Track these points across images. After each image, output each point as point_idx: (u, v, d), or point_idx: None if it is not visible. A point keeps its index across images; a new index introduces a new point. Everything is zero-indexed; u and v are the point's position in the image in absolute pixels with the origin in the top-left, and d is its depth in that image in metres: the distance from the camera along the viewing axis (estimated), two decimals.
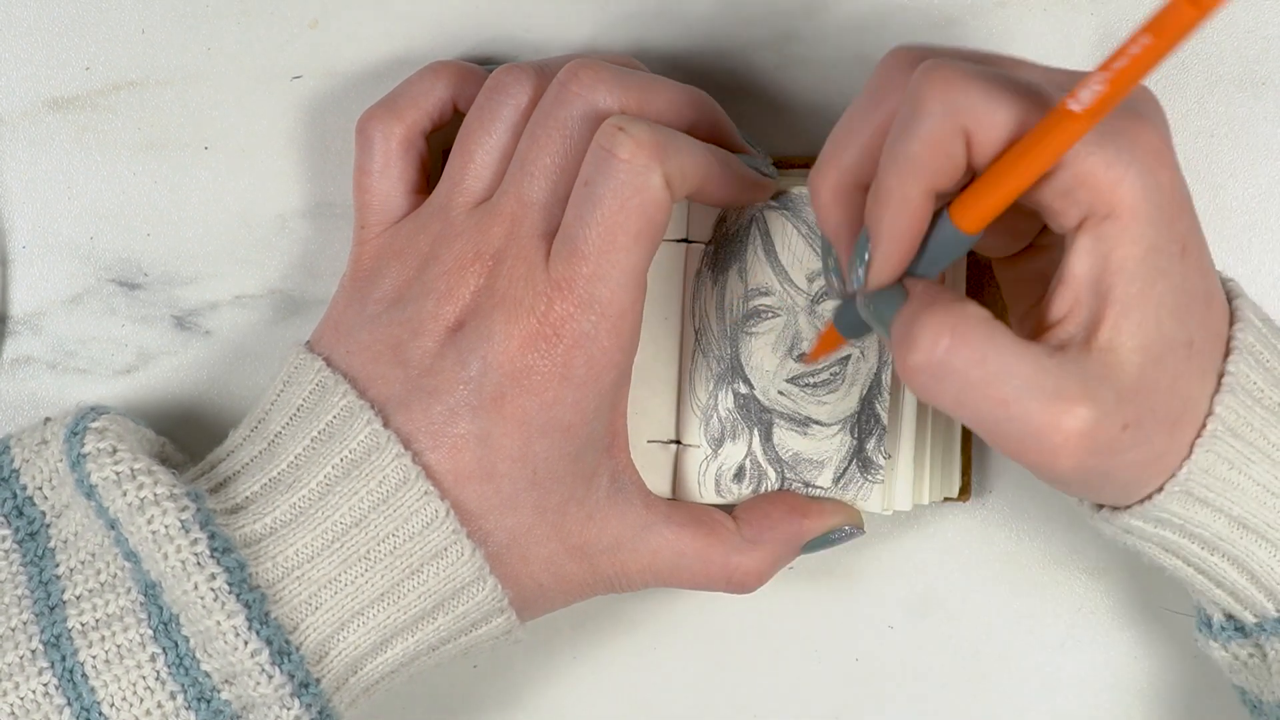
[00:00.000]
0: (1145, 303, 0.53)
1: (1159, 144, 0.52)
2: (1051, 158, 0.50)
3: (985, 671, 0.69)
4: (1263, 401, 0.56)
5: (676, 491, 0.64)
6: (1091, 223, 0.52)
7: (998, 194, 0.52)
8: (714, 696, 0.69)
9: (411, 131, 0.62)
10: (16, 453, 0.60)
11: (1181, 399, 0.54)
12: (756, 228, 0.62)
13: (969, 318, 0.52)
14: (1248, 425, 0.56)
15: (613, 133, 0.56)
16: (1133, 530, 0.57)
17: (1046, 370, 0.52)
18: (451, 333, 0.58)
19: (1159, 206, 0.52)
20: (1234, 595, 0.59)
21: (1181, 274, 0.53)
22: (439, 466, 0.58)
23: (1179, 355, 0.54)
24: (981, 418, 0.53)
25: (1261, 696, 0.60)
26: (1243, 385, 0.56)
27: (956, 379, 0.52)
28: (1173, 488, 0.55)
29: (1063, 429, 0.52)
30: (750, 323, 0.62)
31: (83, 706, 0.56)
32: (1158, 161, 0.52)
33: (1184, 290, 0.53)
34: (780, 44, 0.67)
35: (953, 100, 0.51)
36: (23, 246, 0.67)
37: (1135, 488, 0.56)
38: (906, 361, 0.53)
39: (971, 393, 0.52)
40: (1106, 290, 0.53)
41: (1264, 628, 0.58)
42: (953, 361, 0.52)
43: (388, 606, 0.58)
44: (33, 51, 0.66)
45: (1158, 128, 0.53)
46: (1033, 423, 0.52)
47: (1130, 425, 0.53)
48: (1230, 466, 0.56)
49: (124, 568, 0.57)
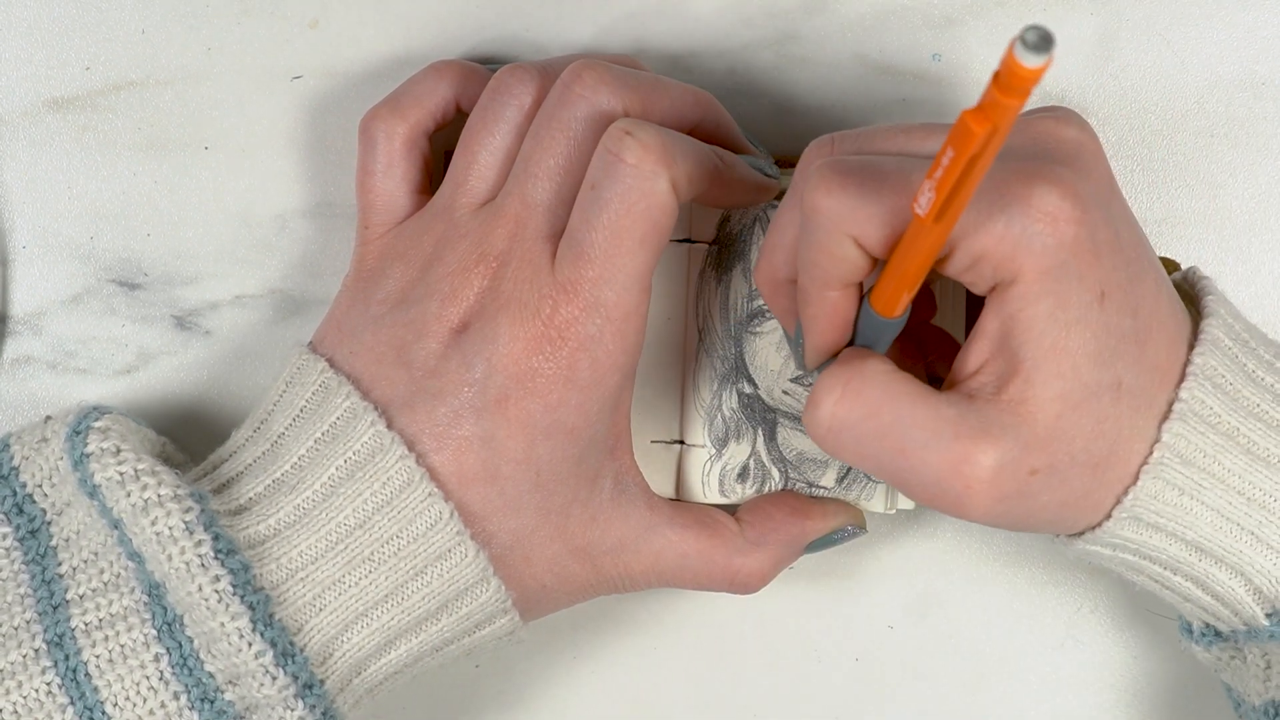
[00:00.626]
0: (1059, 355, 0.53)
1: (1054, 202, 0.52)
2: (927, 257, 0.51)
3: (985, 671, 0.69)
4: (1218, 427, 0.56)
5: (680, 492, 0.64)
6: (999, 288, 0.53)
7: (901, 283, 0.53)
8: (714, 696, 0.69)
9: (415, 131, 0.62)
10: (16, 450, 0.60)
11: (1108, 440, 0.55)
12: (760, 228, 0.62)
13: (864, 372, 0.54)
14: (1199, 451, 0.56)
15: (619, 137, 0.56)
16: (1090, 555, 0.58)
17: (946, 419, 0.53)
18: (456, 334, 0.58)
19: (1063, 264, 0.52)
20: (1202, 610, 0.59)
21: (1101, 321, 0.54)
22: (443, 468, 0.58)
23: (1104, 399, 0.54)
24: (883, 468, 0.55)
25: (1244, 697, 0.60)
26: (1195, 411, 0.56)
27: (851, 432, 0.54)
28: (1119, 514, 0.56)
29: (963, 475, 0.53)
30: (754, 322, 0.62)
31: (86, 706, 0.56)
32: (1053, 222, 0.52)
33: (1106, 334, 0.54)
34: (780, 44, 0.67)
35: (831, 209, 0.53)
36: (23, 246, 0.67)
37: (1063, 525, 0.57)
38: (808, 420, 0.55)
39: (869, 444, 0.54)
40: (1017, 347, 0.53)
41: (1237, 636, 0.59)
42: (846, 416, 0.54)
43: (392, 608, 0.58)
44: (33, 51, 0.66)
45: (1057, 181, 0.52)
46: (932, 471, 0.54)
47: (1040, 471, 0.54)
48: (1180, 492, 0.56)
49: (127, 568, 0.57)
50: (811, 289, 0.55)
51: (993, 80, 0.44)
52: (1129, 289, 0.54)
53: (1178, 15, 0.66)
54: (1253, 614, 0.57)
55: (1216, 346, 0.57)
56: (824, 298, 0.55)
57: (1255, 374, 0.57)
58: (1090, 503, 0.56)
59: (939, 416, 0.54)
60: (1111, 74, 0.66)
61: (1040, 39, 0.43)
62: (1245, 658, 0.59)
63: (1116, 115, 0.66)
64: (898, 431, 0.54)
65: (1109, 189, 0.55)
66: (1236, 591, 0.57)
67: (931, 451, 0.53)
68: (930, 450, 0.53)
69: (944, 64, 0.66)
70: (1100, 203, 0.54)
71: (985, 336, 0.54)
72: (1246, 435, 0.56)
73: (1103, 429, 0.54)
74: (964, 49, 0.67)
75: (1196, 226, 0.67)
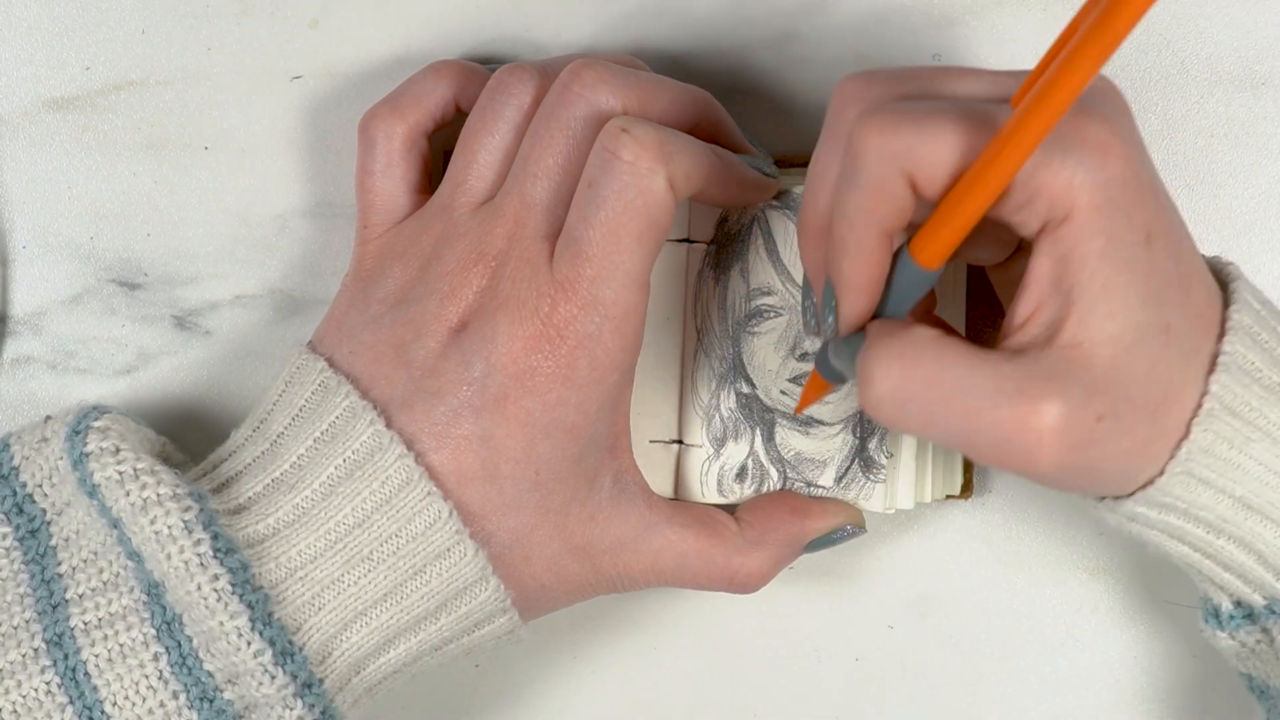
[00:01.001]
0: (1111, 294, 0.53)
1: (1106, 137, 0.52)
2: (999, 185, 0.51)
3: (985, 671, 0.69)
4: (1261, 381, 0.56)
5: (679, 491, 0.64)
6: (1050, 226, 0.53)
7: (953, 227, 0.52)
8: (714, 696, 0.69)
9: (414, 131, 0.62)
10: (16, 450, 0.60)
11: (1162, 384, 0.54)
12: (758, 227, 0.62)
13: (916, 341, 0.53)
14: (1245, 404, 0.56)
15: (616, 134, 0.56)
16: (1137, 518, 0.57)
17: (1005, 375, 0.53)
18: (455, 333, 0.58)
19: (1113, 200, 0.52)
20: (1241, 577, 0.59)
21: (1148, 261, 0.53)
22: (442, 467, 0.58)
23: (1155, 341, 0.54)
24: (952, 434, 0.53)
25: (1269, 681, 0.60)
26: (1239, 364, 0.56)
27: (917, 402, 0.53)
28: (1174, 469, 0.55)
29: (1034, 428, 0.52)
30: (752, 322, 0.62)
31: (85, 705, 0.56)
32: (1105, 156, 0.52)
33: (1154, 276, 0.53)
34: (780, 44, 0.67)
35: (888, 147, 0.52)
36: (23, 246, 0.67)
37: (1125, 478, 0.56)
38: (868, 397, 0.53)
39: (935, 412, 0.53)
40: (1069, 288, 0.53)
41: (1273, 610, 0.58)
42: (908, 386, 0.53)
43: (390, 607, 0.58)
44: (33, 51, 0.66)
45: (1106, 119, 0.53)
46: (1003, 428, 0.52)
47: (1106, 416, 0.53)
48: (1230, 446, 0.56)
49: (126, 567, 0.57)
50: (851, 237, 0.53)
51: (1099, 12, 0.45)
52: (1170, 233, 0.54)
53: (1178, 15, 0.66)
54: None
55: (1248, 306, 0.57)
56: (862, 247, 0.53)
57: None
58: (1149, 452, 0.55)
59: (999, 374, 0.53)
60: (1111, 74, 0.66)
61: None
62: (1274, 639, 0.59)
63: None
64: (960, 395, 0.52)
65: (1141, 141, 0.55)
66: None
67: (999, 409, 0.52)
68: (998, 408, 0.52)
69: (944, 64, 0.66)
70: (1140, 145, 0.54)
71: (1038, 279, 0.53)
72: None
73: (1156, 372, 0.54)
74: (964, 49, 0.67)
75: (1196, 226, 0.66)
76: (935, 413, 0.53)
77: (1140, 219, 0.53)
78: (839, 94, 0.55)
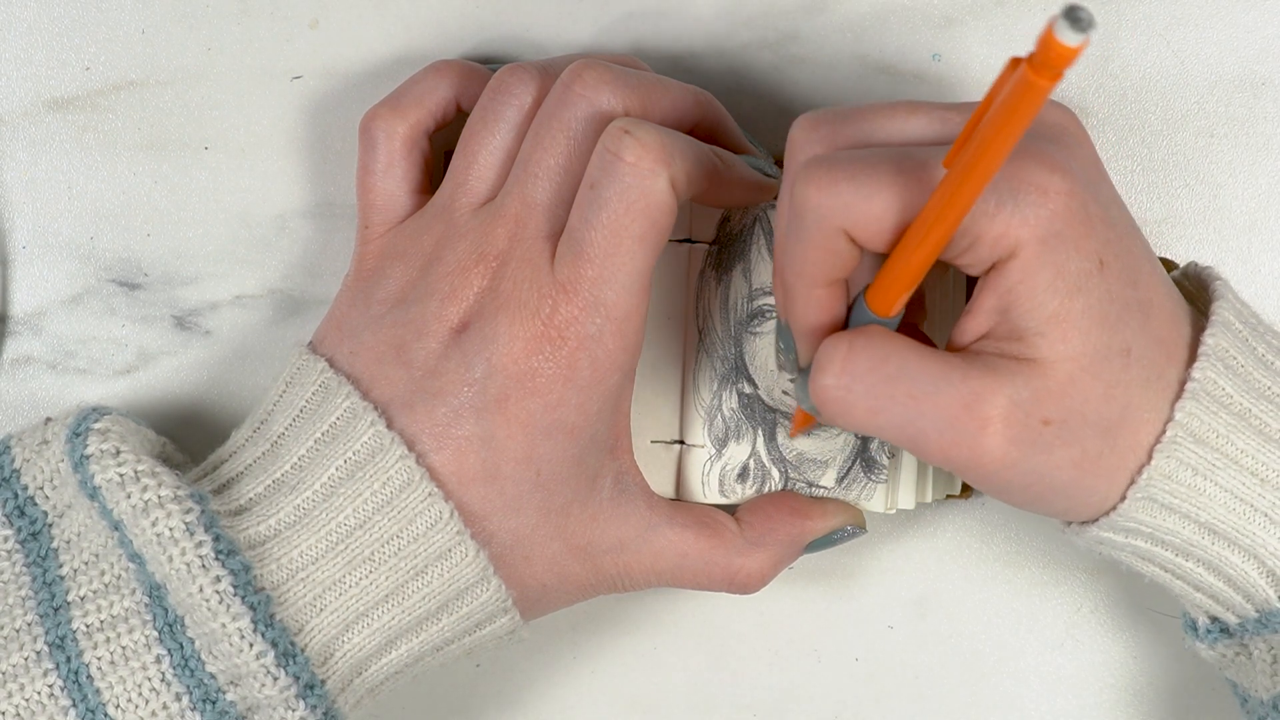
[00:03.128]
0: (1062, 320, 0.53)
1: (1044, 176, 0.52)
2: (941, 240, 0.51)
3: (985, 671, 0.69)
4: (1230, 407, 0.56)
5: (680, 492, 0.64)
6: (998, 266, 0.53)
7: (900, 280, 0.53)
8: (714, 696, 0.69)
9: (415, 131, 0.62)
10: (17, 453, 0.60)
11: (1119, 405, 0.55)
12: (760, 227, 0.62)
13: (865, 332, 0.54)
14: (1213, 431, 0.56)
15: (618, 135, 0.56)
16: (1104, 542, 0.58)
17: (953, 364, 0.53)
18: (455, 334, 0.58)
19: (1058, 233, 0.52)
20: (1213, 598, 0.59)
21: (1103, 288, 0.54)
22: (443, 468, 0.58)
23: (1115, 363, 0.54)
24: (897, 422, 0.54)
25: (1249, 691, 0.60)
26: (1208, 391, 0.56)
27: (863, 385, 0.53)
28: (1135, 494, 0.56)
29: (978, 415, 0.53)
30: (754, 323, 0.62)
31: (88, 708, 0.56)
32: (1043, 194, 0.52)
33: (1111, 301, 0.54)
34: (780, 44, 0.67)
35: (824, 205, 0.52)
36: (23, 246, 0.67)
37: (1081, 492, 0.56)
38: (815, 389, 0.54)
39: (881, 396, 0.53)
40: (1017, 319, 0.53)
41: (1246, 628, 0.59)
42: (855, 368, 0.53)
43: (392, 608, 0.58)
44: (33, 51, 0.66)
45: (1044, 157, 0.53)
46: (945, 411, 0.53)
47: (1054, 422, 0.53)
48: (1195, 473, 0.56)
49: (128, 569, 0.57)
50: (797, 285, 0.54)
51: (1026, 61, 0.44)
52: (1124, 258, 0.54)
53: (1178, 15, 0.66)
54: (1265, 597, 0.57)
55: (1228, 328, 0.57)
56: (811, 295, 0.54)
57: (1265, 357, 0.57)
58: (1104, 469, 0.55)
59: (947, 363, 0.53)
60: (1111, 74, 0.66)
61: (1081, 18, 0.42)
62: (1251, 654, 0.59)
63: (1116, 115, 0.66)
64: (906, 378, 0.53)
65: (1096, 170, 0.55)
66: (1250, 574, 0.57)
67: (943, 394, 0.53)
68: (941, 393, 0.53)
69: (944, 64, 0.66)
70: (1088, 180, 0.54)
71: (982, 312, 0.54)
72: (1258, 416, 0.56)
73: (1114, 393, 0.54)
74: (964, 49, 0.67)
75: (1196, 226, 0.67)
76: (880, 397, 0.53)
77: (1090, 247, 0.53)
78: (790, 139, 0.56)
